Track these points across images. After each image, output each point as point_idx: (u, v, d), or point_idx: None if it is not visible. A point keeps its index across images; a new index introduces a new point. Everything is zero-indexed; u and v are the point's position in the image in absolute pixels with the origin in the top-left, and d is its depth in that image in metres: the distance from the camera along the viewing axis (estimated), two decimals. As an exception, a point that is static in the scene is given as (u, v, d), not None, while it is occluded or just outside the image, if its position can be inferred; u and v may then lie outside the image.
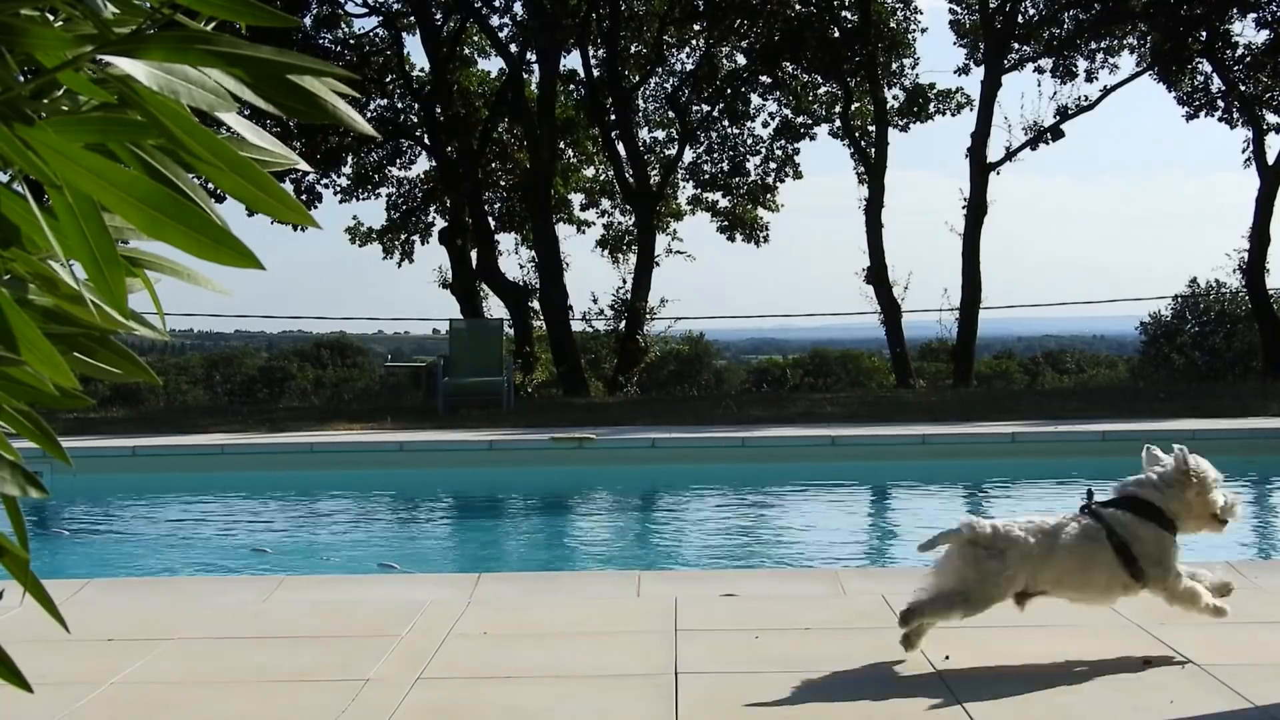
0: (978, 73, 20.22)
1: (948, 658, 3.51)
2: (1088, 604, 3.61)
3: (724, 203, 22.56)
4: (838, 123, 21.10)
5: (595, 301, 20.41)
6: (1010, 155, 19.98)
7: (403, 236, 22.54)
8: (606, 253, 22.80)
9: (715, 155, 22.16)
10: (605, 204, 23.20)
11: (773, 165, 22.08)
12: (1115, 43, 20.37)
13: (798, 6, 20.11)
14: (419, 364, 18.56)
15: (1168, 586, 3.45)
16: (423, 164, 24.43)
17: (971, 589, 3.43)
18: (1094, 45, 20.26)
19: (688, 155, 21.93)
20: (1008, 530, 3.48)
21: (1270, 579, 4.59)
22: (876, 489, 10.09)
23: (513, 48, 20.34)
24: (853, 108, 20.86)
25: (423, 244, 22.62)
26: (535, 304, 20.14)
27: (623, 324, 20.02)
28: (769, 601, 4.37)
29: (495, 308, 20.66)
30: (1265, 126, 19.35)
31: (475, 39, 21.81)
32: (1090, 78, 20.32)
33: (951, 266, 20.06)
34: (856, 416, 12.71)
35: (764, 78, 21.07)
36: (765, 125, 21.84)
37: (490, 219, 21.38)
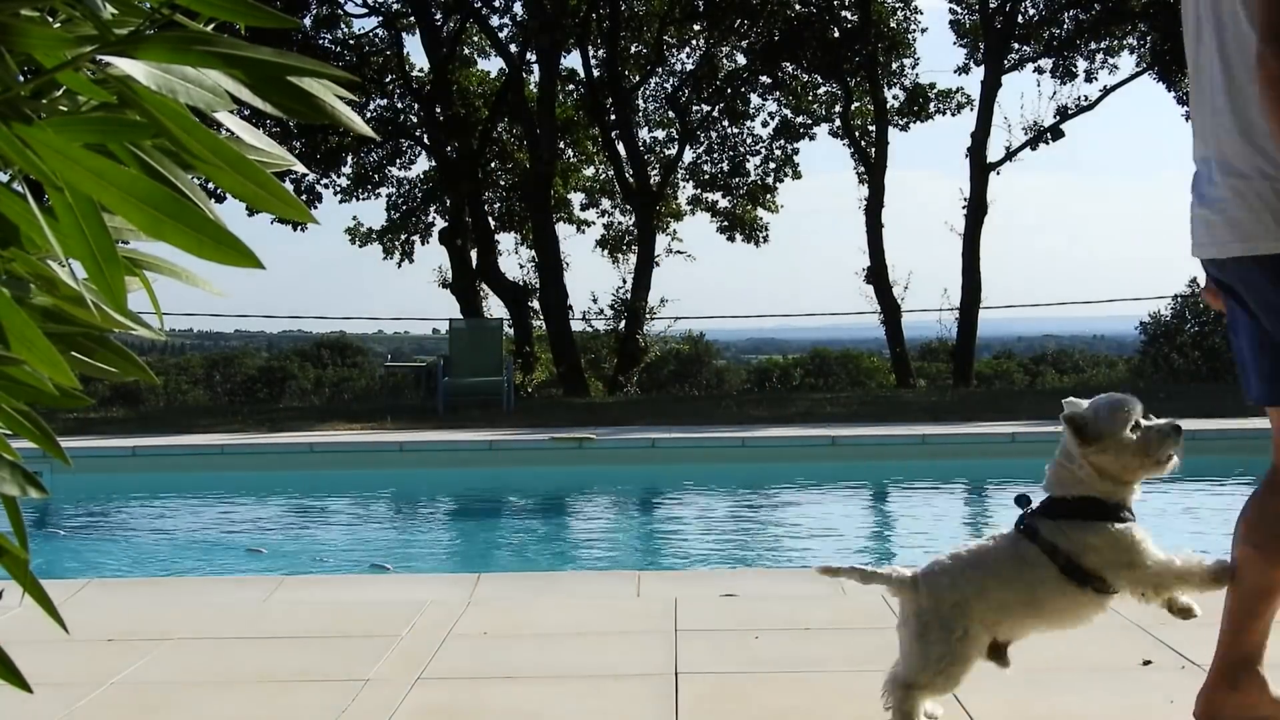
0: (978, 73, 20.25)
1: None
2: (1067, 629, 2.86)
3: (724, 203, 22.57)
4: (838, 123, 21.11)
5: (595, 301, 20.43)
6: (1010, 155, 19.99)
7: (403, 236, 22.54)
8: (606, 253, 22.81)
9: (715, 155, 22.17)
10: (605, 204, 23.22)
11: (772, 165, 22.10)
12: (1115, 43, 20.38)
13: (798, 6, 20.11)
14: (419, 364, 18.57)
15: (1146, 580, 2.71)
16: (423, 164, 24.44)
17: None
18: (1094, 45, 20.27)
19: (688, 155, 21.95)
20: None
21: (1270, 579, 4.58)
22: (876, 489, 10.09)
23: (513, 48, 20.35)
24: (853, 108, 20.87)
25: (423, 244, 22.63)
26: (535, 304, 20.14)
27: (623, 324, 20.02)
28: (769, 601, 4.37)
29: (495, 308, 20.68)
30: (1265, 126, 19.35)
31: (475, 39, 21.81)
32: (1090, 78, 20.34)
33: (951, 266, 20.08)
34: (856, 416, 12.71)
35: (764, 78, 21.08)
36: (765, 125, 21.85)
37: (490, 219, 21.39)
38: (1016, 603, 2.71)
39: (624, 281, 20.59)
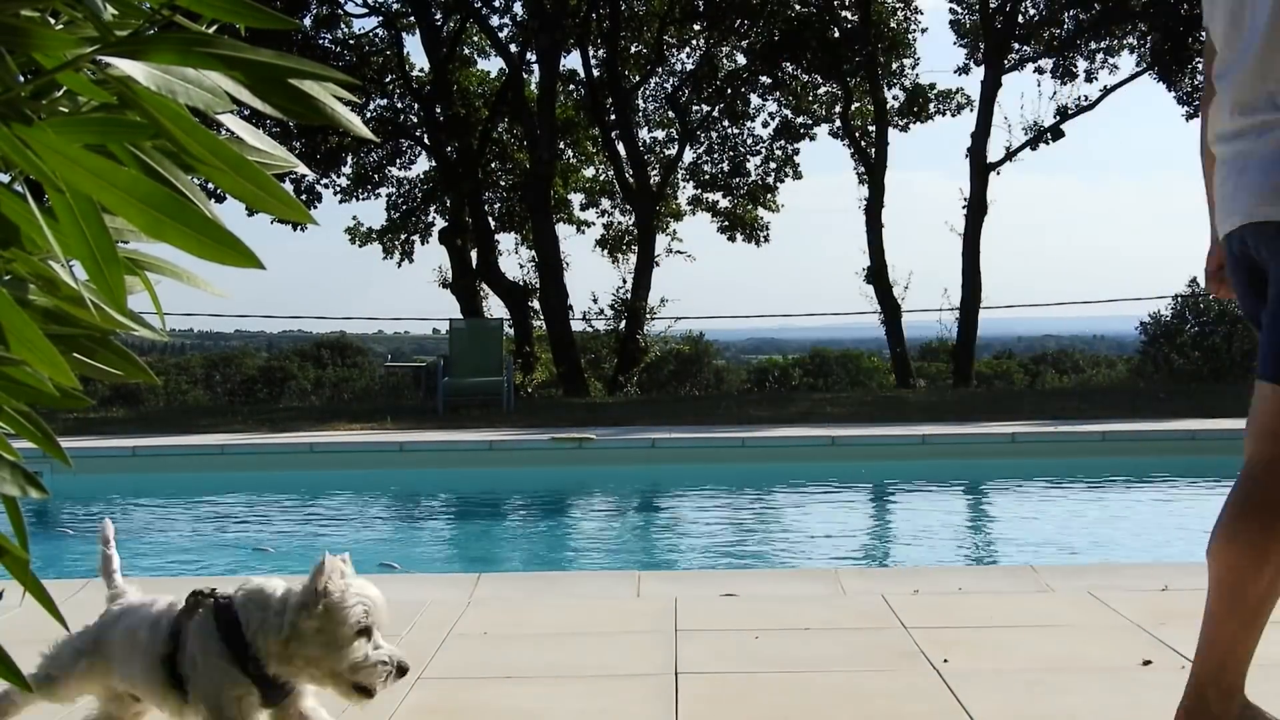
0: (978, 73, 20.26)
1: (946, 660, 3.51)
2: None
3: (724, 203, 22.58)
4: (838, 123, 21.12)
5: (595, 301, 20.43)
6: (1010, 155, 19.99)
7: (403, 236, 22.54)
8: (606, 253, 22.82)
9: (715, 155, 22.17)
10: (605, 204, 23.22)
11: (773, 165, 22.11)
12: (1115, 43, 20.38)
13: (798, 6, 20.12)
14: (419, 364, 18.59)
15: None
16: (423, 164, 24.46)
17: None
18: (1094, 45, 20.28)
19: (688, 155, 21.95)
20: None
21: (1270, 579, 4.58)
22: (876, 489, 10.09)
23: (513, 48, 20.35)
24: (853, 108, 20.87)
25: (423, 244, 22.64)
26: (535, 304, 20.15)
27: (623, 324, 20.02)
28: (769, 601, 4.37)
29: (495, 308, 20.69)
30: (1265, 126, 19.35)
31: (475, 39, 21.82)
32: (1090, 78, 20.35)
33: (951, 266, 20.09)
34: (856, 416, 12.71)
35: (764, 78, 21.08)
36: (765, 125, 21.85)
37: (490, 219, 21.39)
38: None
39: (624, 281, 20.60)
